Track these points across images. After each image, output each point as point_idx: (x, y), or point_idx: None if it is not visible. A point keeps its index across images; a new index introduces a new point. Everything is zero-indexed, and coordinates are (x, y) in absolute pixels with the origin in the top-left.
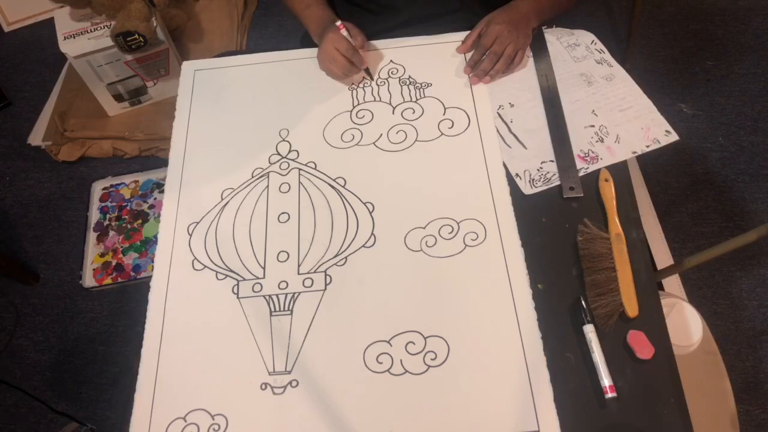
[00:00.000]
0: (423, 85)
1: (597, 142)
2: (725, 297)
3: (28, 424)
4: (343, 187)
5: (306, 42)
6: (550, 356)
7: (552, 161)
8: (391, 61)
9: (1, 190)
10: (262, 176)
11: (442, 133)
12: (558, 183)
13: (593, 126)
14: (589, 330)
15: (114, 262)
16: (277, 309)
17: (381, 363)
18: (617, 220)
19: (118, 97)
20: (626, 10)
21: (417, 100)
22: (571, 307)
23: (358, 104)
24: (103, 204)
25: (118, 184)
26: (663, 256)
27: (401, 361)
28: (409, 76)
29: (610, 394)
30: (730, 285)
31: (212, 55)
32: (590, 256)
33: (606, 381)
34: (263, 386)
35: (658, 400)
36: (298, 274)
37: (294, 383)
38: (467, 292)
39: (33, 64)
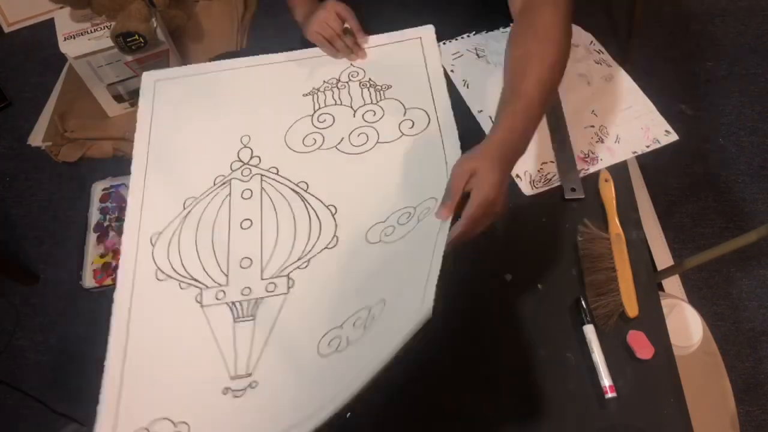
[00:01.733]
0: (383, 87)
1: (597, 142)
2: (725, 298)
3: (28, 425)
4: (306, 191)
5: (306, 42)
6: (550, 356)
7: (552, 162)
8: (351, 64)
9: (1, 190)
10: (224, 183)
11: (403, 134)
12: (558, 183)
13: (593, 126)
14: (589, 330)
15: (114, 263)
16: (240, 315)
17: (330, 346)
18: (617, 221)
19: (119, 98)
20: (626, 10)
21: (377, 102)
22: (571, 307)
23: (320, 108)
24: (103, 205)
25: (119, 185)
26: (663, 257)
27: (347, 338)
28: (369, 79)
29: (610, 394)
30: (730, 286)
31: (212, 56)
32: (590, 256)
33: (606, 381)
34: (224, 391)
35: (658, 400)
36: (262, 279)
37: (254, 384)
38: (415, 261)
39: (33, 64)
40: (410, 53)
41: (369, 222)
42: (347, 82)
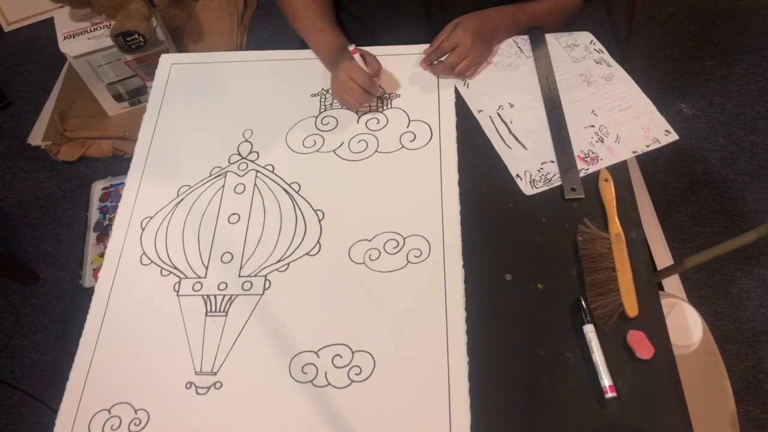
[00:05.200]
0: (391, 95)
1: (597, 142)
2: (725, 297)
3: (28, 424)
4: (297, 192)
5: (305, 43)
6: (550, 356)
7: (552, 162)
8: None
9: (1, 190)
10: (219, 175)
11: (403, 146)
12: (558, 183)
13: (593, 126)
14: (589, 330)
15: None
16: (213, 309)
17: (306, 373)
18: (617, 220)
19: (118, 97)
20: (626, 10)
21: (383, 110)
22: (571, 307)
23: (325, 110)
24: (103, 204)
25: (118, 184)
26: (663, 256)
27: (326, 373)
28: (380, 86)
29: (610, 394)
30: (730, 285)
31: None
32: (590, 256)
33: (606, 381)
34: (188, 385)
35: (658, 400)
36: (239, 276)
37: (218, 385)
38: (403, 309)
39: (33, 64)
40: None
41: (354, 236)
42: None
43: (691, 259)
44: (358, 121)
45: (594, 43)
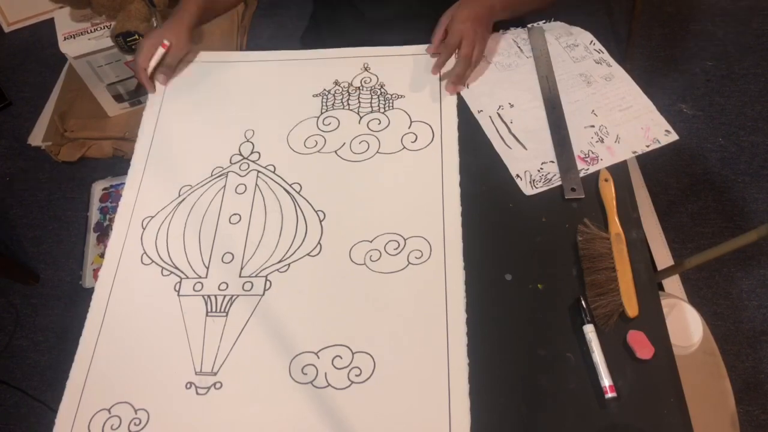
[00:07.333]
0: (393, 96)
1: (597, 142)
2: (725, 297)
3: (28, 424)
4: (298, 193)
5: (306, 42)
6: (550, 356)
7: (552, 162)
8: (366, 69)
9: (1, 190)
10: (220, 176)
11: (404, 147)
12: (558, 183)
13: (593, 126)
14: (589, 330)
15: None
16: (213, 310)
17: (306, 374)
18: (617, 220)
19: (118, 98)
20: (626, 10)
21: (385, 111)
22: (571, 307)
23: (327, 111)
24: (103, 204)
25: (118, 185)
26: (663, 256)
27: (326, 374)
28: (382, 86)
29: (610, 394)
30: (730, 285)
31: None
32: (590, 256)
33: (606, 381)
34: (188, 385)
35: (658, 400)
36: (240, 276)
37: (218, 385)
38: (403, 310)
39: (33, 64)
40: (427, 66)
41: (355, 237)
42: (358, 87)
43: (692, 259)
44: (359, 122)
45: (594, 43)
